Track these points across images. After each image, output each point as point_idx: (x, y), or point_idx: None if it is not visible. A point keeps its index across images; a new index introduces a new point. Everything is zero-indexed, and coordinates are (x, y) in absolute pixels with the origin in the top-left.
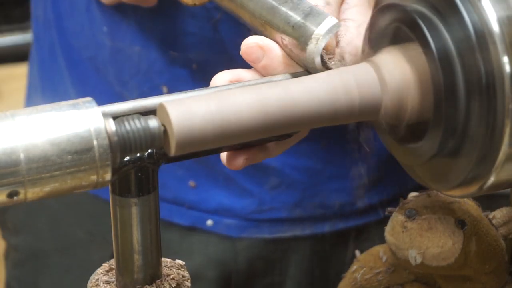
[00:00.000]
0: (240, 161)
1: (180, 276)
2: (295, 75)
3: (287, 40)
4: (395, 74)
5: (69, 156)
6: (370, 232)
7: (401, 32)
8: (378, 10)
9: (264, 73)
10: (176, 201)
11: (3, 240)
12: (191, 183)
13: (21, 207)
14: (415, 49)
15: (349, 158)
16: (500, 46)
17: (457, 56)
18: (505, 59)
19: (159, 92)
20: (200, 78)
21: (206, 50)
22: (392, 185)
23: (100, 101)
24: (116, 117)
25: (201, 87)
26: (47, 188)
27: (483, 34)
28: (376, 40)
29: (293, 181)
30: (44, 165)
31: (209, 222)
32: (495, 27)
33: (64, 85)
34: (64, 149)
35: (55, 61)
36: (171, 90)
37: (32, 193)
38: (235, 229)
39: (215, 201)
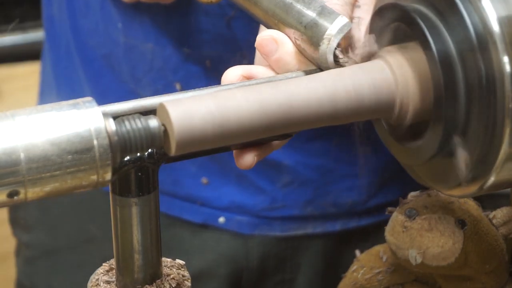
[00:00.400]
0: (250, 159)
1: (180, 276)
2: (308, 72)
3: (299, 39)
4: (397, 74)
5: (69, 156)
6: (382, 231)
7: (401, 32)
8: (378, 10)
9: (276, 67)
10: (188, 198)
11: (14, 237)
12: (204, 180)
13: (33, 204)
14: (415, 48)
15: (361, 157)
16: (500, 46)
17: (457, 56)
18: (505, 59)
19: (172, 89)
20: (213, 75)
21: (219, 47)
22: (404, 183)
23: (114, 99)
24: (116, 117)
25: (214, 84)
26: (47, 188)
27: (483, 34)
28: (376, 39)
29: (306, 179)
30: (44, 165)
31: (221, 219)
32: (495, 27)
33: (79, 83)
34: (64, 149)
35: (70, 59)
36: (184, 87)
37: (32, 193)
38: (247, 226)
39: (227, 198)
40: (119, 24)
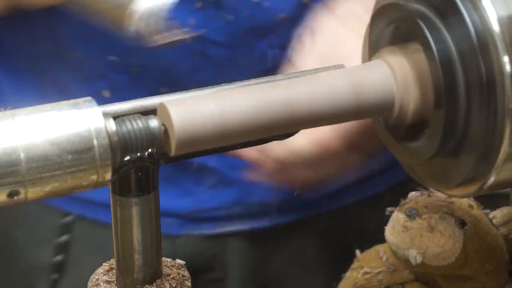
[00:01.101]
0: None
1: (180, 275)
2: (307, 72)
3: None
4: (397, 74)
5: (69, 156)
6: (311, 226)
7: (401, 32)
8: (379, 10)
9: None
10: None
11: None
12: None
13: None
14: (415, 48)
15: None
16: (500, 46)
17: (457, 56)
18: (505, 58)
19: (99, 98)
20: (139, 84)
21: (142, 56)
22: (332, 181)
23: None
24: (116, 116)
25: (141, 92)
26: (47, 187)
27: (483, 34)
28: (376, 39)
29: (231, 180)
30: (44, 165)
31: None
32: (496, 27)
33: (2, 91)
34: (65, 149)
35: None
36: (113, 95)
37: (32, 192)
38: (174, 227)
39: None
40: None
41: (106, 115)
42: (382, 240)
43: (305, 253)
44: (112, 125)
